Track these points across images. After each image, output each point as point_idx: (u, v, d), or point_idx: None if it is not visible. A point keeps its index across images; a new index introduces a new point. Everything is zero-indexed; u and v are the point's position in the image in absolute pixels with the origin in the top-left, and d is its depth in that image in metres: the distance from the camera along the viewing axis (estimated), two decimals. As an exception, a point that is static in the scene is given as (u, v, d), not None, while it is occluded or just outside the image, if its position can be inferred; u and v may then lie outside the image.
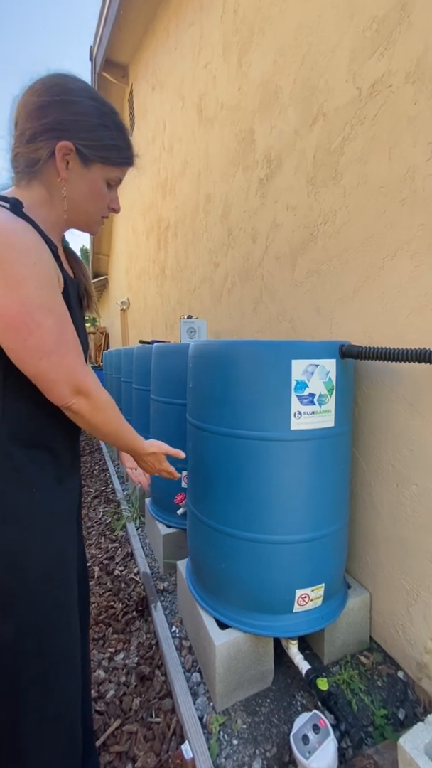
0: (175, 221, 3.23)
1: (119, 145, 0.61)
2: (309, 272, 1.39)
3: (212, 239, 2.38)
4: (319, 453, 0.98)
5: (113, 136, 0.59)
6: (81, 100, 0.56)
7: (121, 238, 6.61)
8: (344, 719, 0.85)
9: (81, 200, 0.61)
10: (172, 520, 1.63)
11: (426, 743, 0.73)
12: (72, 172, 0.58)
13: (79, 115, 0.56)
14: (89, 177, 0.60)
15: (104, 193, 0.63)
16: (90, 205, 0.62)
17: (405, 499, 1.02)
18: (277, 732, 0.89)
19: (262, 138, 1.65)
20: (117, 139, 0.60)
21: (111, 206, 0.66)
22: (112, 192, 0.65)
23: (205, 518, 1.06)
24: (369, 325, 1.12)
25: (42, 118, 0.55)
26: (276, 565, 0.96)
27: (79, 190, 0.60)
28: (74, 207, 0.61)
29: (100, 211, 0.65)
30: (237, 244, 2.02)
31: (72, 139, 0.55)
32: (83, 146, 0.57)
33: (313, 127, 1.29)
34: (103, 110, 0.59)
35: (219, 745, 0.86)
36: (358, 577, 1.20)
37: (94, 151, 0.58)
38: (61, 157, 0.56)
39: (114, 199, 0.66)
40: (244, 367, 0.96)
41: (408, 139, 0.92)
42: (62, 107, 0.55)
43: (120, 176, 0.64)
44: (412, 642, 1.00)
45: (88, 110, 0.57)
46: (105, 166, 0.60)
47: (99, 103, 0.58)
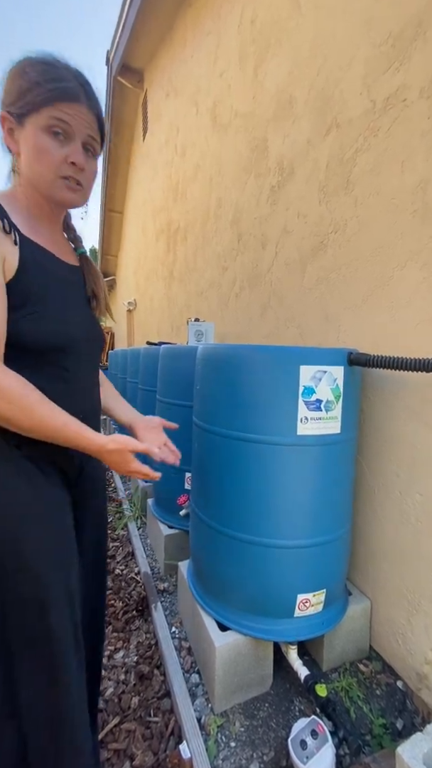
0: (185, 225, 3.27)
1: (37, 82, 0.55)
2: (318, 279, 1.41)
3: (222, 244, 2.41)
4: (325, 459, 0.98)
5: (31, 74, 0.55)
6: (8, 70, 0.57)
7: (130, 239, 6.67)
8: (342, 726, 0.85)
9: (32, 167, 0.58)
10: (174, 521, 1.64)
11: (425, 753, 0.73)
12: (18, 142, 0.58)
13: (4, 83, 0.57)
14: (27, 136, 0.57)
15: (48, 147, 0.57)
16: (39, 167, 0.57)
17: (408, 508, 1.02)
18: (274, 736, 0.89)
19: (275, 146, 1.67)
20: (36, 74, 0.55)
21: (69, 160, 0.58)
22: (67, 145, 0.58)
23: (209, 520, 1.07)
24: (377, 333, 1.13)
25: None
26: (278, 569, 0.96)
27: (27, 158, 0.58)
28: (30, 177, 0.59)
29: (51, 168, 0.58)
30: (246, 249, 2.04)
31: (4, 107, 0.57)
32: (10, 105, 0.56)
33: (326, 138, 1.31)
34: (21, 63, 0.57)
35: (217, 747, 0.86)
36: (359, 584, 1.20)
37: (18, 104, 0.56)
38: (6, 132, 0.58)
39: (70, 152, 0.58)
40: (252, 371, 0.97)
41: (421, 152, 0.94)
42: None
43: (58, 115, 0.56)
44: (412, 652, 0.99)
45: (11, 73, 0.57)
46: (34, 114, 0.56)
47: (21, 61, 0.57)
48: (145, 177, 5.06)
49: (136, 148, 5.67)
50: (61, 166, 0.58)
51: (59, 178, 0.59)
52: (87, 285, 0.70)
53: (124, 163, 6.34)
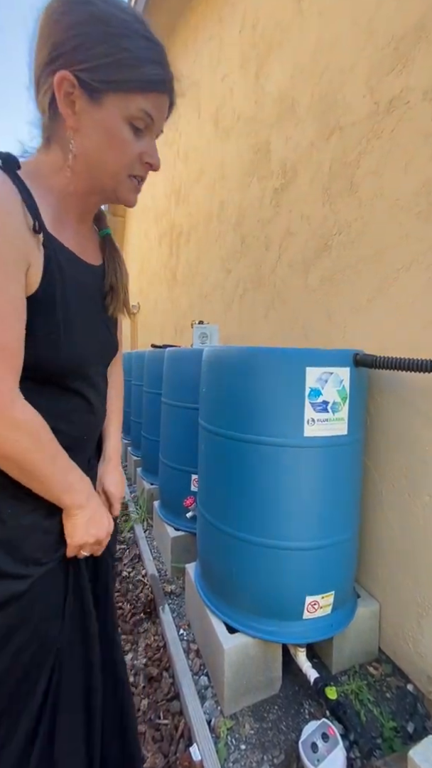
0: (188, 228, 3.28)
1: (139, 57, 0.42)
2: (322, 280, 1.41)
3: (225, 246, 2.42)
4: (332, 460, 0.98)
5: (129, 46, 0.41)
6: (82, 8, 0.40)
7: (132, 243, 6.71)
8: (353, 729, 0.85)
9: (99, 153, 0.45)
10: (181, 523, 1.64)
11: (437, 757, 0.72)
12: (81, 115, 0.43)
13: (77, 27, 0.40)
14: (102, 116, 0.43)
15: (125, 138, 0.45)
16: (111, 158, 0.46)
17: (417, 510, 1.02)
18: (284, 739, 0.88)
19: (278, 149, 1.68)
20: (136, 49, 0.41)
21: (144, 159, 0.48)
22: (143, 139, 0.47)
23: (216, 522, 1.07)
24: (382, 334, 1.13)
25: (40, 52, 0.42)
26: (286, 571, 0.96)
27: (93, 140, 0.44)
28: (90, 164, 0.46)
29: (124, 165, 0.47)
30: (250, 251, 2.04)
31: (70, 64, 0.40)
32: (85, 71, 0.41)
33: (329, 140, 1.31)
34: (117, 13, 0.41)
35: (227, 750, 0.86)
36: (367, 587, 1.19)
37: (99, 72, 0.41)
38: (63, 97, 0.42)
39: (147, 149, 0.47)
40: (258, 373, 0.98)
41: (425, 154, 0.94)
42: (57, 25, 0.40)
43: (147, 108, 0.44)
44: (423, 655, 0.99)
45: (89, 19, 0.40)
46: (121, 95, 0.42)
47: (114, 6, 0.41)
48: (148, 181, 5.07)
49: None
50: (135, 164, 0.48)
51: (129, 176, 0.49)
52: (106, 277, 0.58)
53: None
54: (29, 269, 0.43)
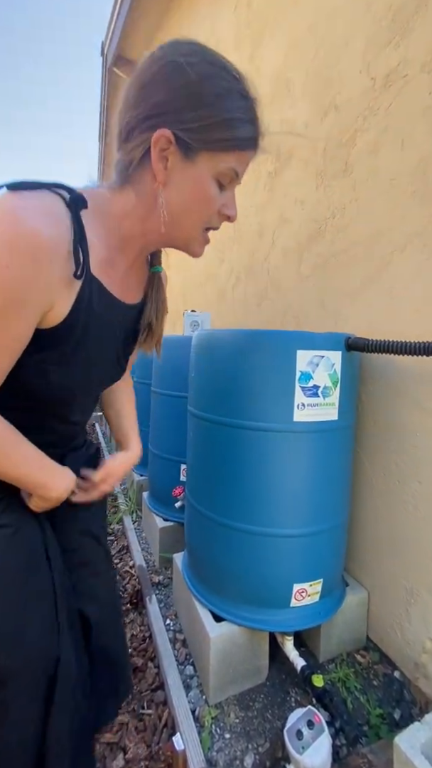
0: (181, 217, 3.22)
1: (234, 119, 0.43)
2: (315, 266, 1.38)
3: (218, 234, 2.35)
4: (322, 446, 0.96)
5: (228, 107, 0.42)
6: (188, 68, 0.41)
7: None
8: (339, 716, 0.83)
9: (182, 208, 0.47)
10: (169, 513, 1.62)
11: (422, 743, 0.71)
12: (172, 171, 0.45)
13: (180, 91, 0.41)
14: (193, 173, 0.45)
15: (212, 196, 0.47)
16: (191, 213, 0.48)
17: (407, 497, 1.00)
18: (270, 727, 0.87)
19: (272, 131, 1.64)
20: (233, 109, 0.43)
21: (223, 212, 0.49)
22: (225, 193, 0.48)
23: (204, 510, 1.05)
24: (375, 319, 1.11)
25: (137, 107, 0.43)
26: (274, 559, 0.94)
27: (179, 195, 0.46)
28: (174, 217, 0.47)
29: (204, 220, 0.49)
30: (243, 239, 2.00)
31: (171, 123, 0.42)
32: (185, 131, 0.42)
33: (324, 120, 1.27)
34: (219, 74, 0.42)
35: (211, 739, 0.84)
36: (356, 575, 1.18)
37: (198, 134, 0.42)
38: (158, 154, 0.43)
39: (227, 202, 0.49)
40: (248, 356, 0.95)
41: (422, 129, 0.91)
42: (162, 85, 0.42)
43: (235, 166, 0.46)
44: (410, 642, 0.98)
45: (191, 80, 0.41)
46: (214, 154, 0.44)
47: (216, 66, 0.43)
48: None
49: (132, 140, 5.60)
50: (213, 217, 0.50)
51: (204, 229, 0.51)
52: (144, 315, 0.59)
53: (120, 157, 6.28)
54: (53, 309, 0.44)
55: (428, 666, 0.92)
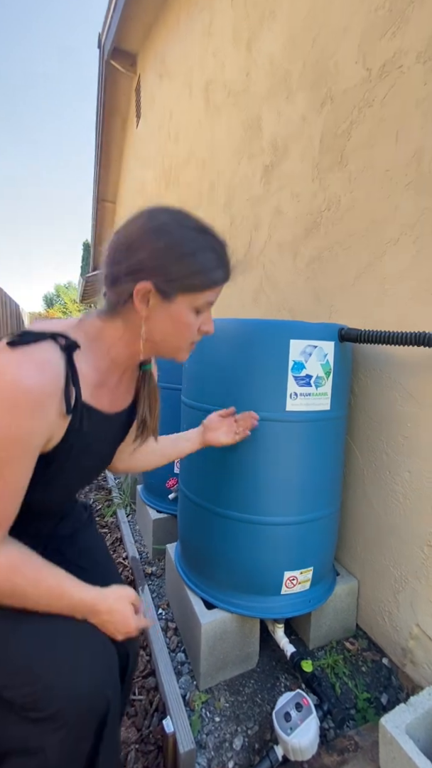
0: (178, 211, 3.21)
1: (207, 267, 0.53)
2: (311, 259, 1.39)
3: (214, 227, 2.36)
4: (314, 436, 0.97)
5: (200, 261, 0.52)
6: (162, 235, 0.51)
7: (123, 229, 6.56)
8: (327, 700, 0.85)
9: (164, 336, 0.56)
10: (163, 505, 1.62)
11: (407, 723, 0.73)
12: (153, 309, 0.53)
13: (159, 252, 0.51)
14: (172, 310, 0.53)
15: (191, 323, 0.56)
16: (175, 338, 0.57)
17: (397, 486, 1.01)
18: (259, 711, 0.88)
19: (269, 125, 1.63)
20: (205, 261, 0.53)
21: (202, 329, 0.59)
22: (201, 315, 0.58)
23: (197, 499, 1.05)
24: (368, 312, 1.12)
25: (121, 263, 0.52)
26: (266, 547, 0.95)
27: (160, 327, 0.55)
28: (157, 343, 0.56)
29: (187, 341, 0.58)
30: (239, 233, 2.00)
31: (150, 278, 0.51)
32: (162, 282, 0.51)
33: (320, 112, 1.27)
34: (190, 236, 0.52)
35: (201, 722, 0.85)
36: (347, 565, 1.19)
37: (175, 282, 0.52)
38: (140, 299, 0.52)
39: (205, 321, 0.59)
40: (241, 345, 0.95)
41: (416, 120, 0.91)
42: (139, 249, 0.51)
43: (211, 298, 0.56)
44: (398, 628, 0.99)
45: (169, 243, 0.51)
46: (190, 294, 0.53)
47: (188, 228, 0.52)
48: (138, 165, 4.97)
49: (129, 135, 5.55)
50: (194, 335, 0.59)
51: (189, 344, 0.60)
52: (138, 413, 0.66)
53: (116, 153, 6.21)
54: (50, 440, 0.51)
55: (415, 652, 0.94)
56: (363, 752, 0.80)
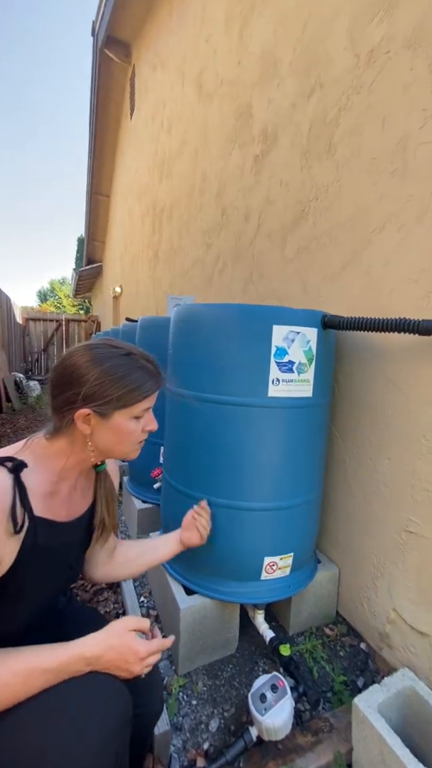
0: (170, 203, 3.18)
1: (137, 384, 0.60)
2: (299, 249, 1.38)
3: (206, 220, 2.35)
4: (295, 422, 0.97)
5: (130, 381, 0.59)
6: (92, 370, 0.58)
7: (116, 223, 6.48)
8: (303, 682, 0.85)
9: (109, 445, 0.62)
10: (148, 495, 1.61)
11: (380, 702, 0.74)
12: (94, 427, 0.59)
13: (91, 384, 0.57)
14: (111, 425, 0.60)
15: (132, 430, 0.62)
16: (120, 445, 0.62)
17: (378, 474, 1.02)
18: (237, 694, 0.88)
19: (259, 112, 1.62)
20: (134, 380, 0.60)
21: (146, 429, 0.65)
22: (143, 418, 0.64)
23: (178, 485, 1.05)
24: (354, 301, 1.12)
25: (61, 395, 0.59)
26: (246, 532, 0.95)
27: (104, 439, 0.61)
28: (104, 451, 0.62)
29: (132, 444, 0.64)
30: (230, 223, 1.99)
31: (87, 405, 0.57)
32: (99, 405, 0.58)
33: (310, 99, 1.27)
34: (118, 362, 0.59)
35: (178, 705, 0.85)
36: (328, 553, 1.20)
37: (110, 404, 0.58)
38: (81, 422, 0.58)
39: (148, 422, 0.65)
40: (224, 330, 0.94)
41: (403, 106, 0.91)
42: (74, 383, 0.58)
43: (147, 405, 0.63)
44: (376, 613, 1.01)
45: (99, 376, 0.58)
46: (126, 409, 0.60)
47: (112, 357, 0.59)
48: (132, 157, 4.91)
49: (124, 127, 5.48)
50: (139, 436, 0.64)
51: (136, 444, 0.65)
52: (97, 515, 0.69)
53: (110, 145, 6.12)
54: (2, 562, 0.52)
55: (392, 636, 0.95)
56: (337, 732, 0.81)
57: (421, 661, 0.86)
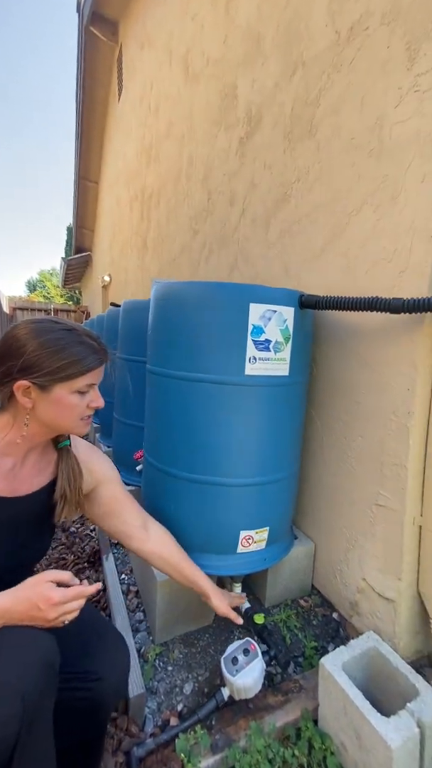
0: (158, 188, 3.13)
1: (77, 358, 0.61)
2: (281, 233, 1.39)
3: (193, 205, 2.33)
4: (272, 400, 0.99)
5: (69, 354, 0.60)
6: (31, 341, 0.59)
7: (105, 211, 6.35)
8: (275, 646, 0.89)
9: (50, 419, 0.63)
10: (132, 478, 1.62)
11: (344, 662, 0.78)
12: (35, 400, 0.61)
13: (29, 355, 0.59)
14: (52, 398, 0.61)
15: (74, 404, 0.63)
16: (62, 419, 0.63)
17: (350, 452, 1.05)
18: (211, 660, 0.92)
19: (244, 93, 1.60)
20: (74, 354, 0.60)
21: (90, 405, 0.65)
22: (89, 394, 0.65)
23: (157, 463, 1.06)
24: (332, 283, 1.13)
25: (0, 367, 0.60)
26: (223, 507, 0.97)
27: (46, 413, 0.62)
28: (46, 426, 0.64)
29: (75, 419, 0.64)
30: (216, 208, 1.98)
31: (26, 376, 0.59)
32: (38, 377, 0.59)
33: (292, 78, 1.26)
34: (57, 335, 0.60)
35: (153, 671, 0.88)
36: (305, 529, 1.24)
37: (49, 376, 0.59)
38: (21, 395, 0.60)
39: (93, 398, 0.65)
40: (202, 307, 0.95)
41: (380, 84, 0.92)
42: (13, 355, 0.59)
43: (90, 380, 0.64)
44: (347, 584, 1.05)
45: (37, 347, 0.59)
46: (66, 382, 0.61)
47: (52, 331, 0.60)
48: (120, 143, 4.79)
49: (111, 111, 5.33)
50: (84, 412, 0.65)
51: (80, 420, 0.65)
52: (57, 489, 0.68)
53: (98, 129, 5.95)
54: None
55: (361, 604, 0.99)
56: (306, 692, 0.85)
57: (386, 625, 0.90)
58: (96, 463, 0.78)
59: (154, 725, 0.78)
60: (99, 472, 0.78)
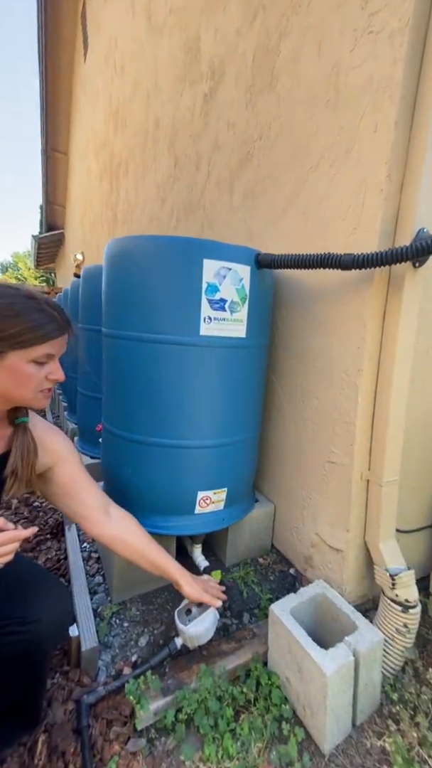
0: (126, 156, 2.97)
1: (34, 325, 0.58)
2: (245, 195, 1.34)
3: (160, 172, 2.22)
4: (228, 362, 0.98)
5: (26, 320, 0.58)
6: None
7: (76, 184, 5.99)
8: (231, 600, 0.91)
9: (4, 389, 0.60)
10: (96, 451, 1.60)
11: (292, 607, 0.81)
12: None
13: None
14: (6, 366, 0.59)
15: (31, 374, 0.60)
16: (18, 389, 0.61)
17: (307, 414, 1.07)
18: (167, 615, 0.93)
19: (207, 44, 1.51)
20: (31, 320, 0.58)
21: (49, 378, 0.63)
22: (47, 365, 0.62)
23: (115, 429, 1.04)
24: (292, 244, 1.11)
25: None
26: (180, 469, 0.97)
27: (2, 379, 0.59)
28: (2, 395, 0.61)
29: (33, 390, 0.62)
30: (182, 174, 1.89)
31: None
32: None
33: (253, 24, 1.19)
34: (15, 300, 0.58)
35: (109, 627, 0.88)
36: (266, 493, 1.27)
37: (2, 342, 0.57)
38: None
39: (52, 370, 0.63)
40: (156, 265, 0.91)
41: (336, 27, 0.88)
42: None
43: (49, 350, 0.61)
44: (302, 540, 1.08)
45: None
46: (22, 350, 0.59)
47: (11, 296, 0.58)
48: (87, 107, 4.48)
49: (78, 73, 4.95)
50: (42, 385, 0.63)
51: (38, 392, 0.63)
52: (8, 465, 0.65)
53: (65, 93, 5.52)
54: None
55: (314, 557, 1.03)
56: (258, 639, 0.88)
57: (335, 574, 0.95)
58: (53, 442, 0.75)
59: (107, 676, 0.79)
60: (55, 451, 0.75)
